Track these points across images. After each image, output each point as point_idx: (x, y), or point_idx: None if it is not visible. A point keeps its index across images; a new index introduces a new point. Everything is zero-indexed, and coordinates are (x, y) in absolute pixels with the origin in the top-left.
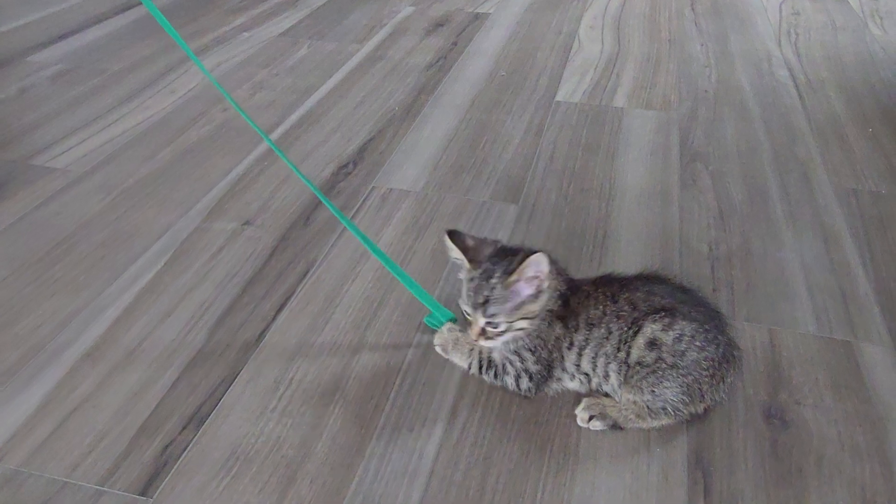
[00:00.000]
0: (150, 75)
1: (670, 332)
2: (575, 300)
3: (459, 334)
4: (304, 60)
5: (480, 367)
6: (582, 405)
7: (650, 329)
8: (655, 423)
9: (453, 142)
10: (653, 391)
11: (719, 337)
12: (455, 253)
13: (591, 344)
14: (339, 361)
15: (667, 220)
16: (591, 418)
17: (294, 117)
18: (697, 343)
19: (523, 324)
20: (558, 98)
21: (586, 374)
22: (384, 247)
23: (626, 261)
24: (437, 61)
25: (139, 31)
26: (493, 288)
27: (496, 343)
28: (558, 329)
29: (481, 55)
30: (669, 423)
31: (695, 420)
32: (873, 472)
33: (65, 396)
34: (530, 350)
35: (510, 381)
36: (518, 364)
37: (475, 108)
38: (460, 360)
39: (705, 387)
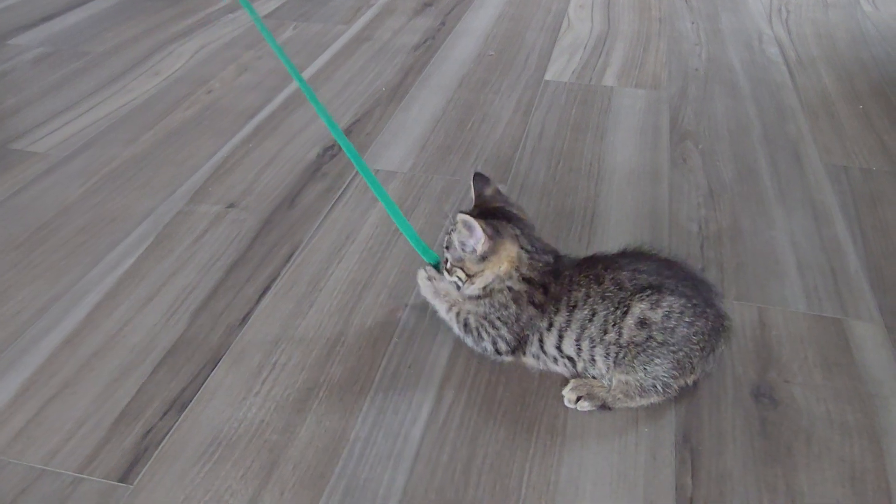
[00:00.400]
0: (133, 57)
1: (658, 310)
2: (556, 286)
3: (438, 284)
4: (290, 42)
5: (459, 328)
6: (569, 386)
7: (638, 309)
8: (644, 402)
9: (441, 122)
10: (645, 369)
11: (708, 310)
12: (471, 192)
13: (574, 326)
14: (324, 344)
15: (656, 199)
16: (578, 399)
17: (279, 99)
18: (686, 318)
19: (460, 273)
20: (547, 77)
21: (570, 359)
22: (370, 228)
23: (614, 240)
24: (425, 41)
25: (122, 13)
26: (450, 232)
27: (448, 277)
28: (532, 311)
29: (469, 35)
30: (658, 401)
31: (683, 396)
32: (862, 449)
33: (44, 383)
34: (502, 321)
35: (488, 346)
36: (492, 331)
37: (463, 88)
38: (440, 310)
39: (696, 360)
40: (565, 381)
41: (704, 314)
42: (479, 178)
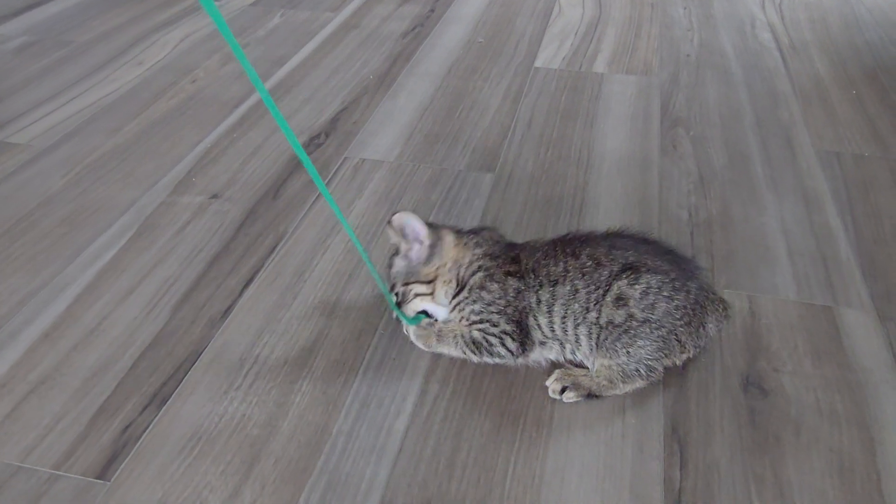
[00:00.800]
0: (117, 47)
1: (636, 287)
2: (528, 257)
3: (441, 325)
4: (277, 30)
5: (473, 352)
6: (553, 377)
7: (616, 286)
8: (629, 388)
9: (429, 110)
10: (627, 352)
11: (688, 284)
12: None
13: (559, 302)
14: (308, 337)
15: (646, 186)
16: (563, 390)
17: (266, 88)
18: (665, 293)
19: (421, 288)
20: (537, 64)
21: (559, 341)
22: (355, 218)
23: (604, 227)
24: (414, 29)
25: (107, 2)
26: (392, 258)
27: (411, 308)
28: (513, 282)
29: (459, 22)
30: (643, 386)
31: (671, 385)
32: (851, 438)
33: (21, 378)
34: (494, 312)
35: (499, 349)
36: (494, 329)
37: (452, 75)
38: (450, 351)
39: (683, 336)
40: (550, 372)
41: (685, 288)
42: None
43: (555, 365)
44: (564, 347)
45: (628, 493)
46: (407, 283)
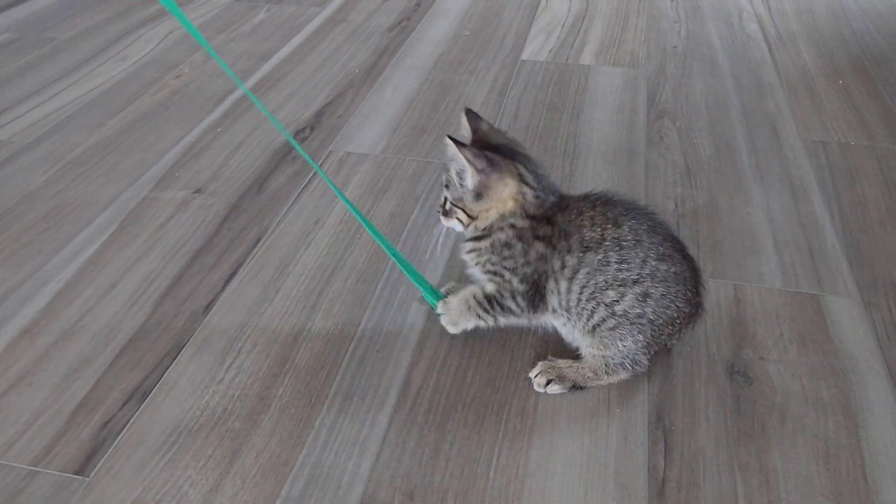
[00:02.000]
0: (100, 43)
1: (659, 287)
2: (563, 217)
3: (458, 301)
4: (263, 24)
5: (487, 310)
6: (537, 369)
7: (647, 282)
8: (614, 379)
9: (414, 103)
10: (621, 345)
11: (691, 294)
12: (464, 130)
13: (584, 270)
14: (290, 331)
15: (632, 177)
16: (548, 382)
17: (250, 83)
18: (679, 303)
19: (461, 215)
20: (524, 57)
21: (567, 311)
22: (340, 212)
23: None
24: (400, 22)
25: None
26: (448, 168)
27: (447, 221)
28: (539, 247)
29: (445, 15)
30: (627, 377)
31: (657, 375)
32: (837, 425)
33: (0, 374)
34: (508, 269)
35: (510, 303)
36: (506, 285)
37: (438, 68)
38: (473, 322)
39: (665, 336)
40: (534, 364)
41: (687, 298)
42: (472, 115)
43: (538, 357)
44: (569, 319)
45: (613, 482)
46: (455, 205)
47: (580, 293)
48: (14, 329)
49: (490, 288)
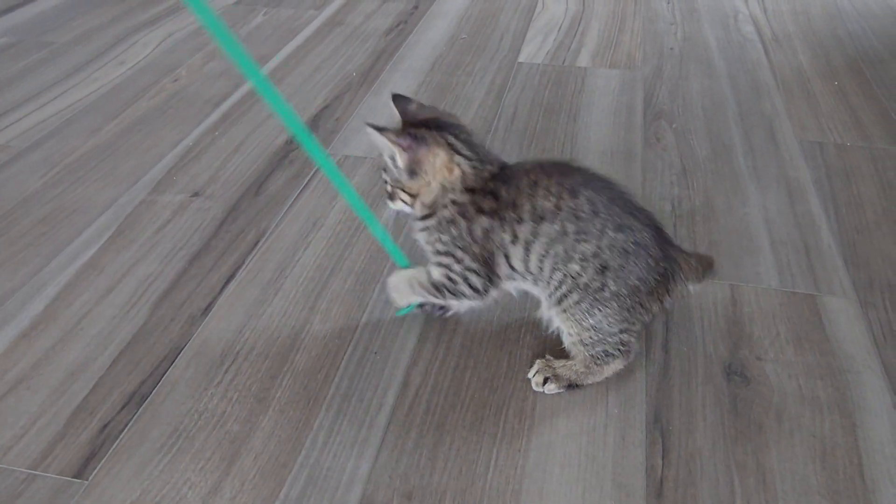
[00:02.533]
0: (98, 47)
1: (620, 261)
2: (510, 188)
3: (402, 280)
4: (260, 28)
5: (434, 296)
6: (534, 368)
7: (605, 253)
8: (609, 370)
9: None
10: (589, 323)
11: (662, 260)
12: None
13: (541, 240)
14: (289, 332)
15: (629, 178)
16: (545, 381)
17: (246, 86)
18: (641, 269)
19: (404, 196)
20: (521, 59)
21: (532, 276)
22: (337, 214)
23: None
24: (398, 25)
25: (88, 3)
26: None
27: (393, 205)
28: (484, 221)
29: (443, 18)
30: (622, 365)
31: (654, 370)
32: (833, 424)
33: None
34: (459, 248)
35: (463, 288)
36: (457, 267)
37: (435, 71)
38: (420, 298)
39: (648, 303)
40: (530, 364)
41: (658, 264)
42: (400, 98)
43: (535, 356)
44: (536, 284)
45: (610, 482)
46: (395, 187)
47: (540, 263)
48: (12, 332)
49: (436, 274)
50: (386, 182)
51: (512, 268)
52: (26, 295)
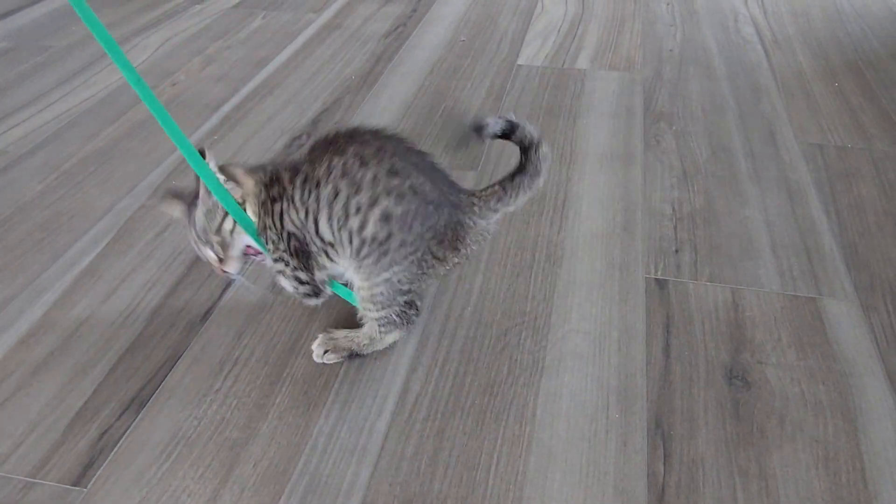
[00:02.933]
0: (96, 51)
1: (400, 207)
2: (288, 170)
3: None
4: (259, 31)
5: (304, 293)
6: (316, 342)
7: (383, 203)
8: (389, 339)
9: (411, 109)
10: (384, 274)
11: (443, 207)
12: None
13: (322, 206)
14: (288, 338)
15: (629, 181)
16: (325, 353)
17: (246, 90)
18: (420, 216)
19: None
20: (520, 62)
21: (332, 245)
22: None
23: (587, 223)
24: (396, 28)
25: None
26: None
27: (236, 251)
28: (276, 207)
29: (441, 21)
30: (398, 337)
31: (655, 375)
32: (836, 428)
33: None
34: (282, 250)
35: (302, 289)
36: (287, 270)
37: (434, 74)
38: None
39: (440, 253)
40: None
41: (439, 211)
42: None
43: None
44: (338, 251)
45: (612, 488)
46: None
47: (330, 227)
48: (10, 339)
49: (283, 284)
50: (211, 246)
51: (320, 244)
52: (25, 301)
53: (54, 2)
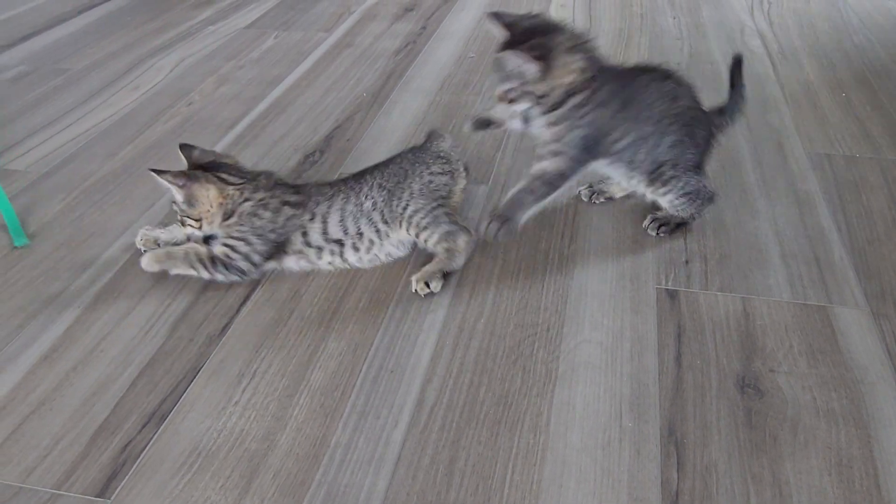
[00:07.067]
0: (112, 73)
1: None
2: (311, 189)
3: (172, 248)
4: (271, 51)
5: (205, 267)
6: (413, 285)
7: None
8: (461, 243)
9: (422, 125)
10: (408, 211)
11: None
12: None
13: (334, 210)
14: (305, 351)
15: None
16: (426, 285)
17: (259, 109)
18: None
19: (191, 222)
20: None
21: (337, 241)
22: None
23: (597, 235)
24: (406, 46)
25: (102, 30)
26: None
27: (185, 230)
28: (288, 210)
29: (450, 38)
30: (468, 237)
31: (668, 384)
32: (848, 436)
33: (21, 400)
34: (256, 235)
35: (240, 264)
36: (245, 248)
37: (444, 90)
38: (181, 270)
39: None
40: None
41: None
42: (185, 147)
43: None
44: (344, 246)
45: (626, 496)
46: (182, 216)
47: (343, 225)
48: (34, 355)
49: (218, 251)
50: (178, 213)
51: (307, 243)
52: (47, 318)
53: (71, 25)
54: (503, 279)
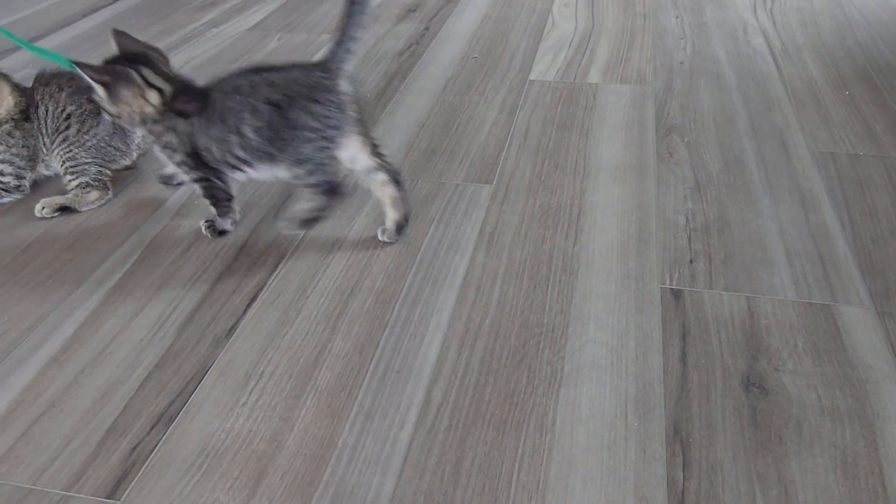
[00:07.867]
0: None
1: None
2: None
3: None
4: (275, 53)
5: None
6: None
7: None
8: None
9: (426, 126)
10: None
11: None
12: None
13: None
14: (311, 352)
15: (643, 193)
16: (43, 208)
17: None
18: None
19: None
20: (532, 77)
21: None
22: (356, 234)
23: (602, 235)
24: (409, 47)
25: (106, 32)
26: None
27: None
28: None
29: (454, 39)
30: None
31: (672, 383)
32: (854, 434)
33: (31, 402)
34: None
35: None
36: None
37: (448, 91)
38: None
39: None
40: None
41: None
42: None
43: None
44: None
45: (632, 495)
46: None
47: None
48: (43, 357)
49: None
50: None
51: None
52: (56, 320)
53: (76, 28)
54: (508, 280)
